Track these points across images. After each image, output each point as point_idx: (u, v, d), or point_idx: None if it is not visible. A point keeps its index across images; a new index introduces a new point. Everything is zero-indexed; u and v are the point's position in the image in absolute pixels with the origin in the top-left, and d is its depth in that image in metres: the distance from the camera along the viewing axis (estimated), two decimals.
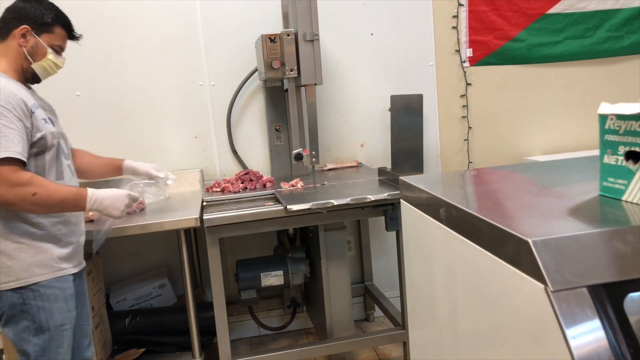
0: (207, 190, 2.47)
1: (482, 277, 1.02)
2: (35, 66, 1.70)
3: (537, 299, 0.81)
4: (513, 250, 0.88)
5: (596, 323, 0.76)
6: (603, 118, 0.98)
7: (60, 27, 1.74)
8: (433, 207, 1.22)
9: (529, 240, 0.82)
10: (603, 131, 0.99)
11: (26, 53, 1.67)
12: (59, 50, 1.76)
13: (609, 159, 1.00)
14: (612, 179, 1.00)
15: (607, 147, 0.99)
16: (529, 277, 0.83)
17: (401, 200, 1.44)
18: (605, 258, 0.81)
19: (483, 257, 0.99)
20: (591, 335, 0.76)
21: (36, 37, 1.68)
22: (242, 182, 2.46)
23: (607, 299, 0.78)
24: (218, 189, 2.44)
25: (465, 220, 1.06)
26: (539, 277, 0.80)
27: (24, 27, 1.65)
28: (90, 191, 1.67)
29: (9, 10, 1.67)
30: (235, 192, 2.39)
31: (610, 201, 1.00)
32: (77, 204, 1.64)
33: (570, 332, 0.76)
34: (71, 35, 1.81)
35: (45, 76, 1.75)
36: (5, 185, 1.47)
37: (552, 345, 0.79)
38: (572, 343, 0.75)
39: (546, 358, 0.82)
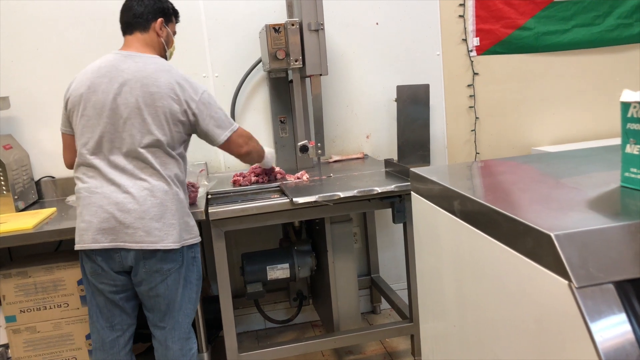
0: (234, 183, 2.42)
1: (498, 272, 0.99)
2: (168, 54, 1.92)
3: (561, 295, 0.77)
4: (533, 245, 0.85)
5: (623, 319, 0.73)
6: (625, 106, 0.94)
7: (175, 15, 1.96)
8: (446, 199, 1.19)
9: (552, 235, 0.79)
10: (625, 120, 0.95)
11: (164, 43, 1.88)
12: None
13: (631, 149, 0.96)
14: (634, 170, 0.96)
15: (629, 136, 0.95)
16: (551, 273, 0.80)
17: (412, 192, 1.41)
18: (631, 252, 0.78)
19: (500, 251, 0.96)
20: (618, 331, 0.73)
21: (166, 27, 1.88)
22: (256, 176, 2.41)
23: (634, 295, 0.75)
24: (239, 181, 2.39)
25: (481, 213, 1.02)
26: (562, 273, 0.77)
27: (160, 19, 1.85)
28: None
29: (142, 4, 1.84)
30: (245, 185, 2.35)
31: (633, 193, 0.97)
32: (262, 156, 2.14)
33: (596, 329, 0.73)
34: (177, 20, 1.99)
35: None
36: (248, 139, 1.97)
37: (576, 342, 0.76)
38: (598, 339, 0.72)
39: (569, 354, 0.79)
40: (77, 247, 1.73)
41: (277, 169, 2.46)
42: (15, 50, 2.53)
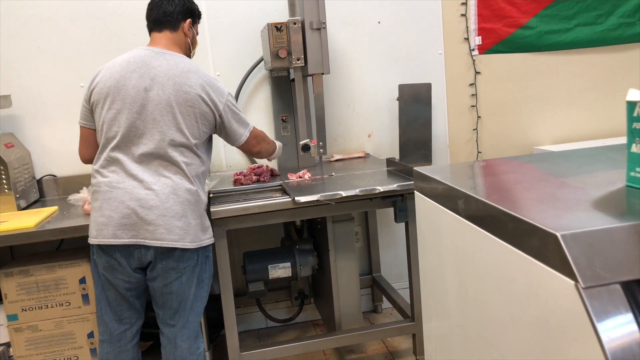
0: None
1: (503, 272, 0.99)
2: (192, 54, 1.94)
3: (567, 296, 0.77)
4: (539, 244, 0.84)
5: (630, 319, 0.73)
6: (632, 105, 0.94)
7: (199, 17, 1.97)
8: (450, 198, 1.19)
9: (558, 234, 0.78)
10: (631, 119, 0.95)
11: (190, 43, 1.91)
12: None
13: (637, 148, 0.96)
14: None
15: (635, 135, 0.95)
16: (557, 273, 0.80)
17: (415, 191, 1.41)
18: (638, 252, 0.78)
19: (505, 251, 0.96)
20: (625, 331, 0.73)
21: (192, 28, 1.91)
22: (256, 175, 2.41)
23: None
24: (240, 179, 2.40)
25: (485, 213, 1.02)
26: (569, 273, 0.77)
27: (189, 20, 1.88)
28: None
29: (173, 4, 1.85)
30: (247, 184, 2.35)
31: (639, 192, 0.96)
32: (271, 154, 2.15)
33: (602, 329, 0.72)
34: (199, 22, 2.00)
35: None
36: (261, 139, 2.02)
37: (583, 342, 0.76)
38: (605, 339, 0.72)
39: (576, 355, 0.78)
40: (94, 241, 1.72)
41: (269, 168, 2.48)
42: (16, 48, 2.53)
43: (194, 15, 1.92)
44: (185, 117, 1.73)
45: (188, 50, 1.91)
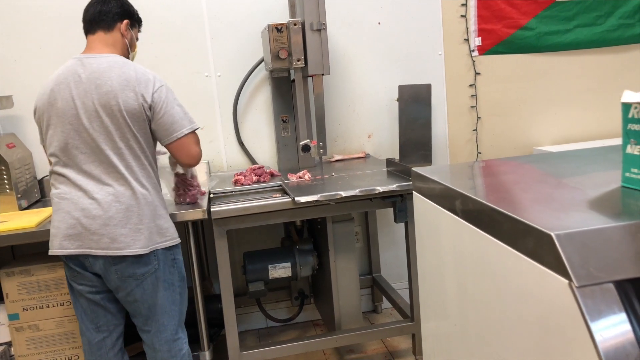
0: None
1: (500, 271, 1.00)
2: (130, 57, 1.88)
3: (561, 295, 0.78)
4: (534, 244, 0.85)
5: (623, 319, 0.74)
6: (626, 106, 0.95)
7: (138, 22, 1.95)
8: (448, 199, 1.19)
9: (552, 234, 0.79)
10: (626, 120, 0.96)
11: (128, 44, 1.85)
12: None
13: (632, 149, 0.97)
14: (635, 170, 0.97)
15: (630, 137, 0.96)
16: (551, 272, 0.81)
17: (414, 192, 1.42)
18: (631, 252, 0.79)
19: (501, 251, 0.97)
20: (618, 331, 0.74)
21: (131, 30, 1.87)
22: (257, 175, 2.43)
23: (634, 295, 0.75)
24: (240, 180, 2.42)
25: (482, 213, 1.03)
26: (563, 272, 0.78)
27: (127, 20, 1.84)
28: None
29: (108, 5, 1.82)
30: (247, 185, 2.37)
31: (634, 193, 0.97)
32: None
33: (596, 328, 0.73)
34: (140, 29, 1.98)
35: None
36: (198, 145, 1.82)
37: (576, 341, 0.76)
38: (598, 338, 0.73)
39: (570, 353, 0.79)
40: (49, 252, 1.74)
41: (268, 169, 2.50)
42: (18, 48, 2.54)
43: (133, 18, 1.88)
44: (112, 119, 1.66)
45: (126, 52, 1.85)
